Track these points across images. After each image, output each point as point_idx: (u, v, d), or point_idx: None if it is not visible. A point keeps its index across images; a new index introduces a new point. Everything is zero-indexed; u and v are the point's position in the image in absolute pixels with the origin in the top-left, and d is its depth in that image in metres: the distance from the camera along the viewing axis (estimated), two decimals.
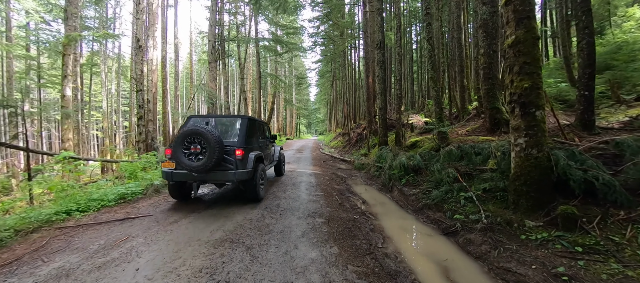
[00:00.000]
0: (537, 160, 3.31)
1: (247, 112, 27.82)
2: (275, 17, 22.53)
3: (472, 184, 4.41)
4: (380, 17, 9.16)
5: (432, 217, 4.21)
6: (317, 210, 4.09)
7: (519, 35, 3.37)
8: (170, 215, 3.71)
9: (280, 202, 4.38)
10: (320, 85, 42.90)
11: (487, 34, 7.18)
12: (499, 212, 3.53)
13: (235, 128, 4.45)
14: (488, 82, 7.12)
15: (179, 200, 4.44)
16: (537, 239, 2.87)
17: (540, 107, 3.33)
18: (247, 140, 4.39)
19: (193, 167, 3.73)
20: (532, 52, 3.32)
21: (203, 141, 3.81)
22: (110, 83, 25.78)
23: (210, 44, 14.82)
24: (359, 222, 3.89)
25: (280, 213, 3.78)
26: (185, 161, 3.78)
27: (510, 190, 3.60)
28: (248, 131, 4.51)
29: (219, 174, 3.96)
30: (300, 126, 59.57)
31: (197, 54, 40.63)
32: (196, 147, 3.86)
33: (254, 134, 4.87)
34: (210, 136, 3.75)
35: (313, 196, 5.02)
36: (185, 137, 3.87)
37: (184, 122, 4.58)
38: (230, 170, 3.96)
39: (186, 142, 3.88)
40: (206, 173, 3.84)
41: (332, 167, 10.29)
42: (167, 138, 19.25)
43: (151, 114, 14.64)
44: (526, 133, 3.37)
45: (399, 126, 9.33)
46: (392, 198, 5.55)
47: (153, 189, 4.95)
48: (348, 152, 16.16)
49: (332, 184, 6.58)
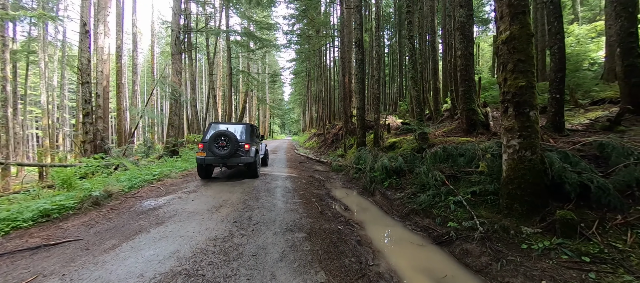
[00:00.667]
0: (531, 162, 3.14)
1: (217, 110, 26.11)
2: (248, 11, 21.42)
3: (460, 187, 4.21)
4: (359, 15, 8.88)
5: (421, 224, 3.91)
6: (296, 222, 3.54)
7: (513, 31, 3.18)
8: (108, 237, 2.89)
9: (253, 214, 3.75)
10: (295, 84, 42.15)
11: (464, 36, 7.23)
12: (493, 217, 3.32)
13: (242, 131, 6.75)
14: (464, 83, 7.16)
15: (204, 178, 6.46)
16: (539, 248, 2.65)
17: (534, 107, 3.18)
18: (250, 138, 6.63)
19: (221, 155, 5.91)
20: (527, 49, 3.15)
21: (227, 139, 6.03)
22: (52, 74, 22.44)
23: (173, 33, 13.43)
24: (344, 234, 3.43)
25: (253, 229, 3.16)
26: (216, 151, 5.91)
27: (502, 194, 3.41)
28: (250, 133, 6.84)
29: (235, 159, 6.13)
30: (274, 126, 58.15)
31: (160, 47, 37.38)
32: (222, 142, 6.03)
33: (252, 135, 7.05)
34: (232, 136, 6.02)
35: (291, 204, 4.46)
36: (216, 136, 6.01)
37: (207, 127, 6.87)
38: (242, 157, 6.18)
39: (217, 140, 6.01)
40: (228, 159, 6.02)
41: (309, 169, 9.78)
42: (123, 138, 17.12)
43: (101, 110, 12.78)
44: (520, 134, 3.19)
45: (378, 127, 9.14)
46: (375, 203, 5.21)
47: (91, 202, 3.98)
48: (324, 153, 15.77)
49: (311, 188, 6.07)
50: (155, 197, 4.66)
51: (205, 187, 5.51)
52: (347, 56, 16.25)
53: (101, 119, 12.81)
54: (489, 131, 6.58)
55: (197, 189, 5.30)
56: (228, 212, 3.78)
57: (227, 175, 7.23)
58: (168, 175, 6.67)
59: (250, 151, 6.32)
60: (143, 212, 3.74)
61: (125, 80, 29.28)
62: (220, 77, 34.01)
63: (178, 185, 5.66)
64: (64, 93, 27.02)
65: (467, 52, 7.25)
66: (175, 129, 13.66)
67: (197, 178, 6.55)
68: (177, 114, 13.65)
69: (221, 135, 6.00)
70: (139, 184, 5.54)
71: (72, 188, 4.76)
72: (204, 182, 6.06)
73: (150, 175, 6.24)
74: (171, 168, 7.52)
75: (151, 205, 4.12)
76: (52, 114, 21.30)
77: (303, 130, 44.34)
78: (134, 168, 7.10)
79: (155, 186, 5.51)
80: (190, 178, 6.63)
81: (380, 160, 6.02)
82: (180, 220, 3.40)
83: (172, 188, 5.38)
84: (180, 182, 6.03)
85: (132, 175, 6.08)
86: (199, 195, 4.76)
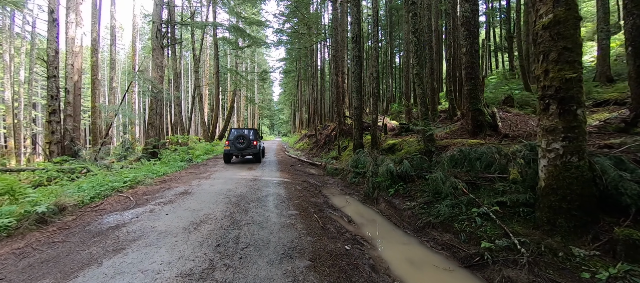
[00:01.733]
0: (579, 169, 2.64)
1: (203, 110, 24.86)
2: (236, 7, 20.49)
3: (481, 197, 3.69)
4: (357, 8, 8.33)
5: (441, 240, 3.34)
6: (295, 243, 2.88)
7: (558, 14, 2.67)
8: (39, 276, 2.08)
9: (241, 233, 3.04)
10: (284, 85, 41.27)
11: (469, 32, 6.82)
12: (531, 234, 2.79)
13: (252, 133, 10.24)
14: (470, 82, 6.74)
15: (227, 163, 9.81)
16: (604, 277, 2.12)
17: (582, 104, 2.68)
18: (256, 137, 10.23)
19: (240, 148, 9.45)
20: (575, 35, 2.65)
21: (244, 138, 9.45)
22: (19, 67, 20.57)
23: (155, 26, 12.38)
24: (354, 257, 2.80)
25: (241, 256, 2.45)
26: (238, 146, 9.41)
27: (540, 206, 2.89)
28: (256, 134, 10.43)
29: (248, 150, 9.65)
30: (263, 127, 56.95)
31: (142, 43, 35.56)
32: (241, 140, 9.44)
33: (257, 134, 10.64)
34: (247, 136, 9.54)
35: (286, 217, 3.78)
36: (237, 137, 9.44)
37: (229, 132, 10.66)
38: (252, 149, 9.72)
39: (238, 139, 9.41)
40: (243, 150, 9.54)
41: (302, 172, 9.10)
42: (99, 139, 15.75)
43: (71, 107, 11.55)
44: (565, 136, 2.68)
45: (375, 128, 8.59)
46: (381, 213, 4.61)
47: (34, 220, 3.14)
48: (316, 155, 15.12)
49: (307, 196, 5.40)
50: (121, 210, 3.85)
51: (185, 197, 4.72)
52: (340, 54, 15.71)
53: (71, 117, 11.57)
54: (498, 132, 6.16)
55: (175, 199, 4.51)
56: (209, 231, 3.05)
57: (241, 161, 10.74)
58: (142, 181, 5.80)
59: (257, 146, 10.16)
60: (100, 233, 2.95)
61: (103, 76, 27.50)
62: (206, 75, 32.69)
63: (152, 194, 4.84)
64: (36, 90, 24.95)
65: (472, 49, 6.83)
66: (156, 129, 12.57)
67: (176, 185, 5.73)
68: (158, 112, 12.58)
69: (240, 136, 9.55)
70: (105, 193, 4.68)
71: (15, 200, 3.86)
72: (184, 190, 5.26)
73: (121, 182, 5.36)
74: (147, 173, 6.63)
75: (113, 222, 3.32)
76: (19, 111, 19.47)
77: (293, 131, 43.48)
78: (102, 173, 6.17)
79: (124, 195, 4.67)
80: (168, 184, 5.80)
81: (384, 164, 5.44)
82: (146, 244, 2.64)
83: (144, 198, 4.56)
84: (156, 190, 5.20)
85: (98, 182, 5.19)
86: (176, 207, 3.98)
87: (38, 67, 21.79)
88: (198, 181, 6.21)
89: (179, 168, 8.50)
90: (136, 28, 27.24)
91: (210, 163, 10.13)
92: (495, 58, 25.24)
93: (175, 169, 8.22)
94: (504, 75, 17.97)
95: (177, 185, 5.68)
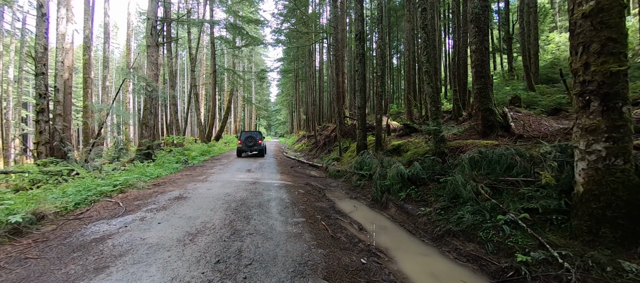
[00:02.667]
0: (625, 173, 2.35)
1: (199, 110, 24.36)
2: (234, 6, 20.12)
3: (504, 202, 3.39)
4: (361, 5, 8.05)
5: (464, 251, 3.03)
6: (305, 257, 2.54)
7: (602, 1, 2.39)
8: None
9: (244, 245, 2.70)
10: (282, 85, 40.89)
11: (479, 29, 6.56)
12: (569, 245, 2.49)
13: (258, 134, 13.70)
14: (480, 81, 6.47)
15: (239, 157, 13.11)
16: None
17: (628, 101, 2.40)
18: (261, 138, 13.71)
19: (249, 146, 13.14)
20: (620, 24, 2.37)
21: (252, 139, 13.18)
22: (8, 65, 19.91)
23: (149, 22, 11.97)
24: (372, 272, 2.47)
25: (245, 276, 2.11)
26: (248, 144, 13.09)
27: (579, 214, 2.60)
28: (260, 135, 13.86)
29: (255, 147, 13.21)
30: (260, 128, 56.46)
31: (137, 41, 34.91)
32: (250, 140, 13.15)
33: (261, 136, 13.94)
34: (255, 136, 13.36)
35: (292, 225, 3.44)
36: (247, 137, 13.18)
37: (240, 134, 13.62)
38: (258, 147, 13.28)
39: (248, 139, 13.13)
40: (252, 147, 13.15)
41: (303, 174, 8.77)
42: (90, 139, 15.20)
43: (61, 106, 11.05)
44: (608, 136, 2.40)
45: (380, 128, 8.30)
46: (392, 219, 4.30)
47: (7, 231, 2.76)
48: (316, 156, 14.78)
49: (311, 200, 5.07)
50: (108, 218, 3.47)
51: (180, 202, 4.35)
52: (341, 54, 15.42)
53: (60, 117, 11.06)
54: (510, 133, 5.89)
55: (169, 205, 4.14)
56: (208, 244, 2.70)
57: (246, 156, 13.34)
58: (134, 184, 5.41)
59: (261, 144, 13.48)
60: (81, 247, 2.58)
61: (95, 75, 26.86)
62: (203, 74, 32.19)
63: (144, 199, 4.46)
64: (28, 89, 24.21)
65: (482, 47, 6.57)
66: (151, 129, 12.12)
67: (171, 189, 5.35)
68: (153, 112, 12.14)
69: (250, 137, 13.15)
70: (92, 199, 4.29)
71: None
72: (179, 195, 4.88)
73: (110, 186, 4.97)
74: (140, 176, 6.23)
75: (98, 232, 2.94)
76: (8, 110, 18.80)
77: (290, 132, 43.08)
78: (90, 176, 5.76)
79: (113, 201, 4.28)
80: (162, 188, 5.42)
81: (393, 166, 5.13)
82: (133, 261, 2.28)
83: (135, 203, 4.18)
84: (149, 195, 4.81)
85: (85, 186, 4.79)
86: (170, 215, 3.61)
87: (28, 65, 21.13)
88: (194, 184, 5.84)
89: (174, 171, 8.10)
90: (131, 27, 26.67)
91: (207, 165, 9.74)
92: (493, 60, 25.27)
93: (170, 171, 7.82)
94: (503, 76, 17.92)
95: (172, 189, 5.30)
